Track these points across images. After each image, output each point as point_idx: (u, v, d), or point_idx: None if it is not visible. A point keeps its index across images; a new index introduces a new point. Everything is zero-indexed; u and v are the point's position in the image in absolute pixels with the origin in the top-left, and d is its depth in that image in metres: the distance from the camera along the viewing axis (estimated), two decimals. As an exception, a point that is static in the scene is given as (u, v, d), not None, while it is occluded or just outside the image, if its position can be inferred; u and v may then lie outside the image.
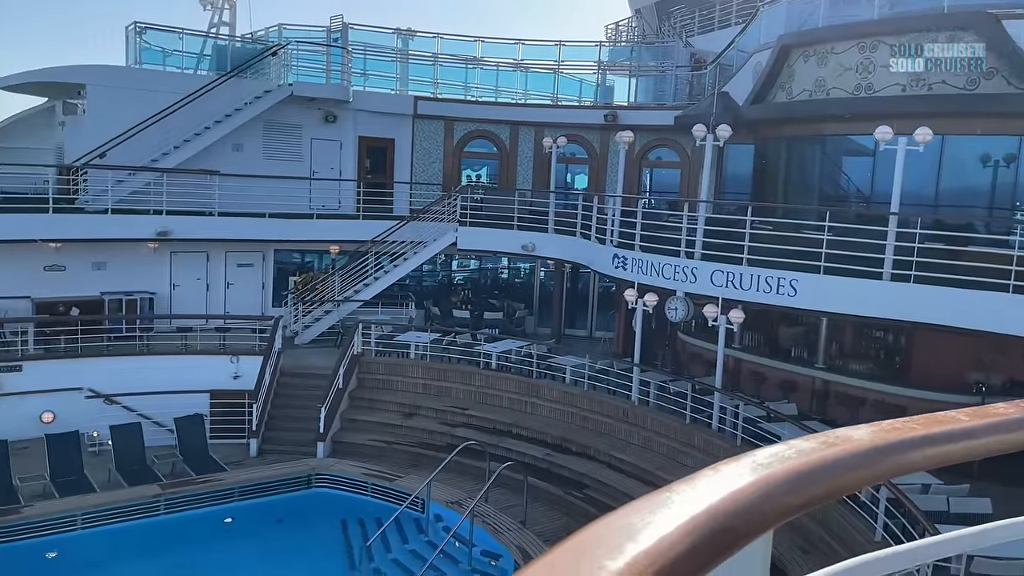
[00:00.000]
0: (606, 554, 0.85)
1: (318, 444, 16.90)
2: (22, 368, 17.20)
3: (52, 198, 18.84)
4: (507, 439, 16.99)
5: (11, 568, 12.06)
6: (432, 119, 24.55)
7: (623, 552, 0.86)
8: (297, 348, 20.52)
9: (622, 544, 0.87)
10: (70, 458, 15.03)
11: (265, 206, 20.75)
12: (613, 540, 0.88)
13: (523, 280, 26.40)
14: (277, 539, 14.34)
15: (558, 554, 0.84)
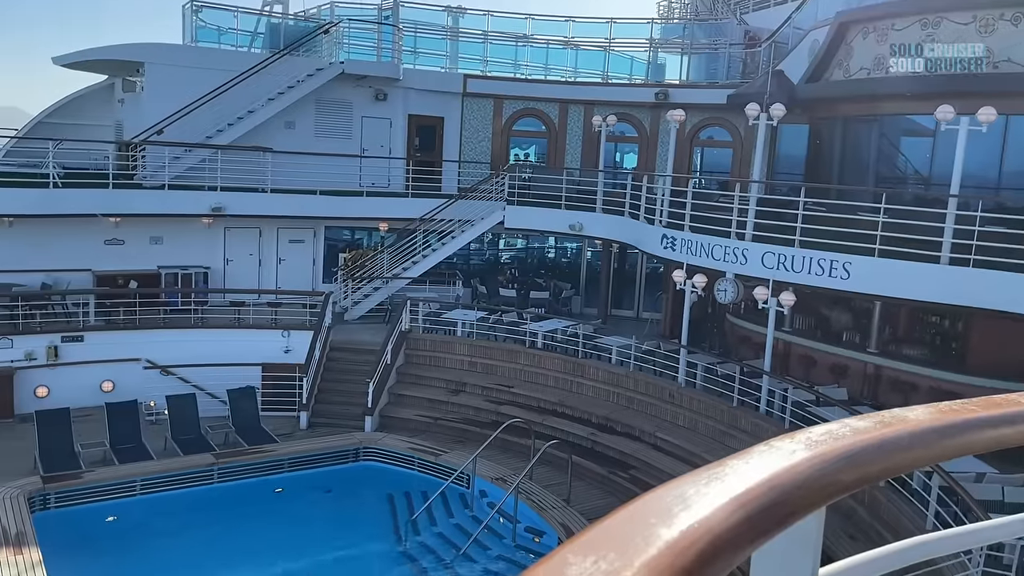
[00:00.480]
0: (661, 522, 0.87)
1: (366, 418, 17.19)
2: (83, 338, 17.78)
3: (112, 174, 19.34)
4: (552, 418, 17.05)
5: (73, 530, 12.53)
6: (481, 97, 24.54)
7: (677, 521, 0.87)
8: (346, 324, 20.82)
9: (677, 513, 0.89)
10: (129, 426, 15.52)
11: (316, 183, 21.03)
12: (668, 509, 0.90)
13: (570, 260, 26.34)
14: (325, 510, 14.68)
15: (613, 521, 0.86)
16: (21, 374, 17.07)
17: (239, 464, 14.82)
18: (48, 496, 13.01)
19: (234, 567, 12.28)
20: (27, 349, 17.14)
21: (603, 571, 0.77)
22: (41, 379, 17.26)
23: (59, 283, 19.71)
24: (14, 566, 10.32)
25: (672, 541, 0.84)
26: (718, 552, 0.88)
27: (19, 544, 10.92)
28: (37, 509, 12.56)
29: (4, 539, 11.03)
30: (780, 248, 14.60)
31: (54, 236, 19.50)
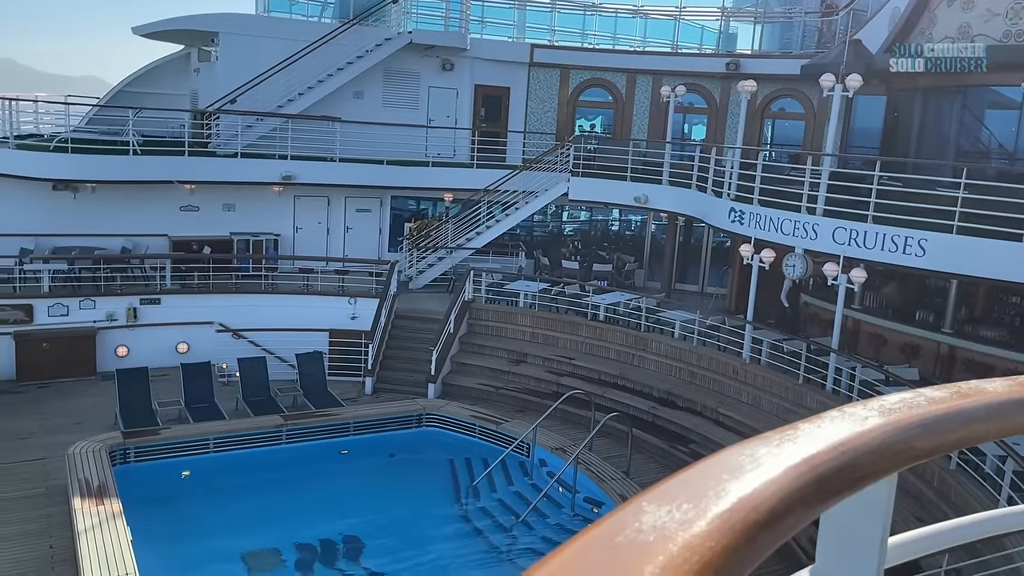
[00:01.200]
0: (733, 478, 0.89)
1: (429, 385, 17.47)
2: (160, 301, 18.45)
3: (187, 142, 19.89)
4: (612, 390, 17.06)
5: (151, 483, 13.12)
6: (548, 67, 24.37)
7: (750, 478, 0.89)
8: (411, 292, 21.11)
9: (749, 471, 0.91)
10: (202, 387, 16.10)
11: (383, 153, 21.26)
12: (740, 466, 0.92)
13: (634, 232, 26.12)
14: (389, 473, 15.02)
15: (688, 475, 0.89)
16: (103, 334, 17.83)
17: (307, 426, 15.24)
18: (128, 450, 13.62)
19: (300, 524, 12.69)
20: (108, 310, 17.89)
21: (677, 520, 0.80)
22: (121, 339, 18.01)
23: (138, 247, 20.45)
24: (97, 515, 10.88)
25: (745, 497, 0.87)
26: (788, 509, 0.90)
27: (101, 495, 11.49)
28: (118, 462, 13.16)
29: (88, 490, 11.62)
30: (852, 223, 14.22)
31: (133, 202, 20.21)
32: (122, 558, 9.85)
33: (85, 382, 17.22)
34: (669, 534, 0.76)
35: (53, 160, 18.79)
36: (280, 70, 21.18)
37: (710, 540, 0.78)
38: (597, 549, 0.72)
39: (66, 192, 19.84)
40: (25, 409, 15.73)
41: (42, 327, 17.35)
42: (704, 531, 0.78)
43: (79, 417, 15.34)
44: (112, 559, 9.80)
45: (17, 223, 19.27)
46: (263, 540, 12.25)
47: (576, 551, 0.72)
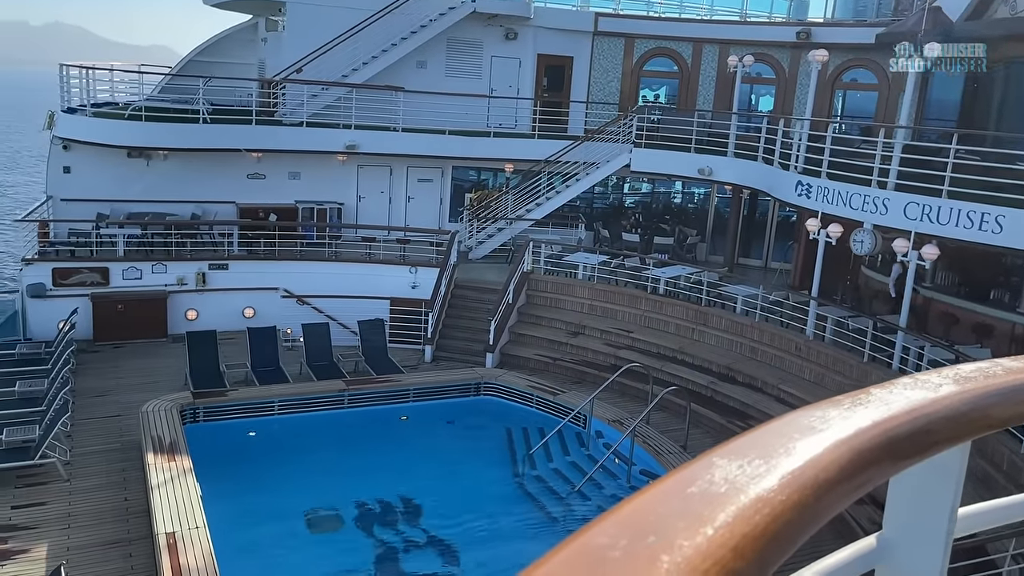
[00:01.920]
0: (804, 437, 0.90)
1: (487, 355, 17.62)
2: (228, 266, 18.95)
3: (255, 111, 20.26)
4: (671, 364, 16.96)
5: (219, 442, 13.59)
6: (612, 36, 24.04)
7: (820, 438, 0.90)
8: (470, 262, 21.24)
9: (820, 431, 0.92)
10: (268, 350, 16.54)
11: (445, 123, 21.32)
12: (811, 427, 0.93)
13: (697, 205, 25.75)
14: (447, 439, 15.26)
15: (758, 433, 0.90)
16: (173, 297, 18.43)
17: (368, 391, 15.55)
18: (197, 410, 14.11)
19: (360, 486, 13.01)
20: (179, 274, 18.46)
21: (747, 475, 0.81)
22: (191, 303, 18.59)
23: (207, 214, 21.01)
24: (170, 470, 11.33)
25: (816, 456, 0.87)
26: (858, 470, 0.91)
27: (172, 452, 11.95)
28: (188, 421, 13.66)
29: (160, 446, 12.10)
30: (925, 198, 13.77)
31: (203, 169, 20.73)
32: (192, 512, 10.26)
33: (157, 343, 17.86)
34: (740, 487, 0.78)
35: (128, 128, 19.37)
36: (345, 39, 21.36)
37: (781, 495, 0.79)
38: (671, 497, 0.74)
39: (140, 159, 20.45)
40: (102, 368, 16.41)
41: (117, 290, 18.01)
42: (775, 486, 0.79)
43: (152, 377, 15.94)
44: (183, 512, 10.21)
45: (94, 189, 20.00)
46: (324, 500, 12.61)
47: (651, 498, 0.74)
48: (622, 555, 0.65)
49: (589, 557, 0.65)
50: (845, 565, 1.13)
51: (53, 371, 14.57)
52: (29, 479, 11.77)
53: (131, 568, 9.93)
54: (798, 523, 0.80)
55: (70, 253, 18.49)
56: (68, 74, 20.16)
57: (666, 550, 0.66)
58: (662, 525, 0.70)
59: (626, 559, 0.65)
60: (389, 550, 11.53)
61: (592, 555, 0.65)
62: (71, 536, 10.54)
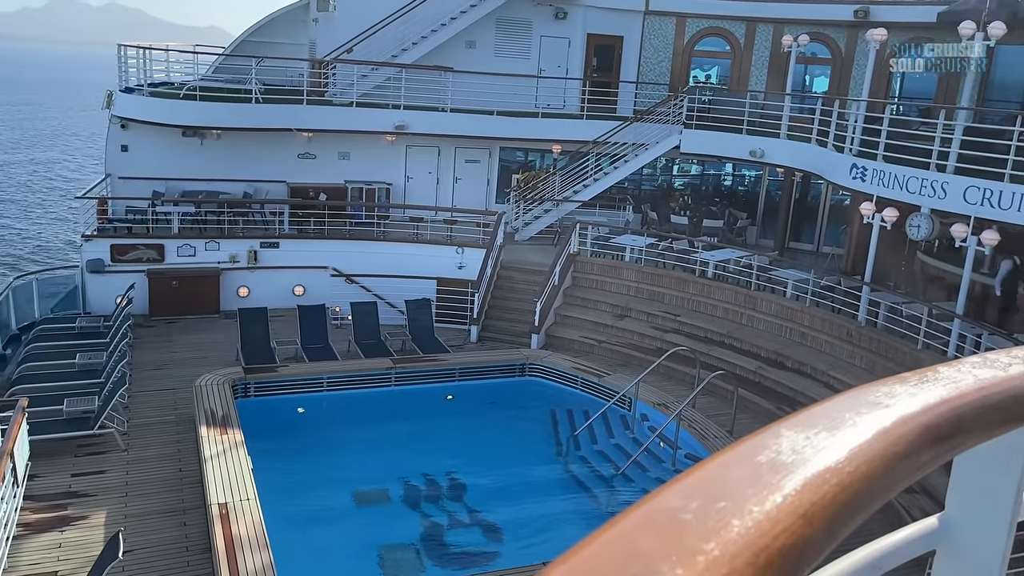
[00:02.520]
0: (871, 411, 0.90)
1: (532, 336, 17.67)
2: (279, 245, 19.26)
3: (305, 91, 20.48)
4: (719, 348, 16.81)
5: (269, 416, 13.90)
6: (664, 15, 23.71)
7: (888, 412, 0.90)
8: (516, 244, 21.26)
9: (888, 405, 0.91)
10: (317, 328, 16.80)
11: (493, 103, 21.29)
12: (878, 402, 0.93)
13: (747, 188, 25.36)
14: (491, 418, 15.36)
15: (826, 406, 0.90)
16: (226, 274, 18.81)
17: (414, 370, 15.72)
18: (248, 385, 14.43)
19: (406, 463, 13.20)
20: (231, 252, 18.83)
21: (815, 446, 0.81)
22: (243, 280, 18.96)
23: (258, 192, 21.35)
24: (221, 443, 11.63)
25: (884, 430, 0.87)
26: (925, 445, 0.90)
27: (225, 425, 12.25)
28: (239, 396, 13.97)
29: (213, 419, 12.41)
30: (986, 182, 13.37)
31: (255, 148, 21.05)
32: (243, 484, 10.52)
33: (209, 319, 18.27)
34: (808, 457, 0.79)
35: (183, 107, 19.74)
36: (395, 19, 21.42)
37: (849, 466, 0.79)
38: (739, 465, 0.75)
39: (194, 138, 20.85)
40: (157, 342, 16.86)
41: (172, 266, 18.44)
42: (843, 457, 0.79)
43: (204, 352, 16.33)
44: (235, 484, 10.48)
45: (150, 167, 20.47)
46: (371, 476, 12.81)
47: (719, 465, 0.75)
48: (694, 517, 0.66)
49: (661, 518, 0.66)
50: (905, 544, 1.12)
51: (111, 344, 15.01)
52: (89, 448, 12.18)
53: (185, 536, 10.24)
54: (866, 495, 0.80)
55: (127, 230, 18.99)
56: (126, 54, 20.59)
57: (736, 514, 0.67)
58: (732, 491, 0.71)
59: (698, 521, 0.66)
60: (434, 526, 11.69)
61: (664, 516, 0.67)
62: (128, 504, 10.89)
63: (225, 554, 9.04)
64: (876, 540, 1.10)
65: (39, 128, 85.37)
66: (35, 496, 10.80)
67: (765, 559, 0.65)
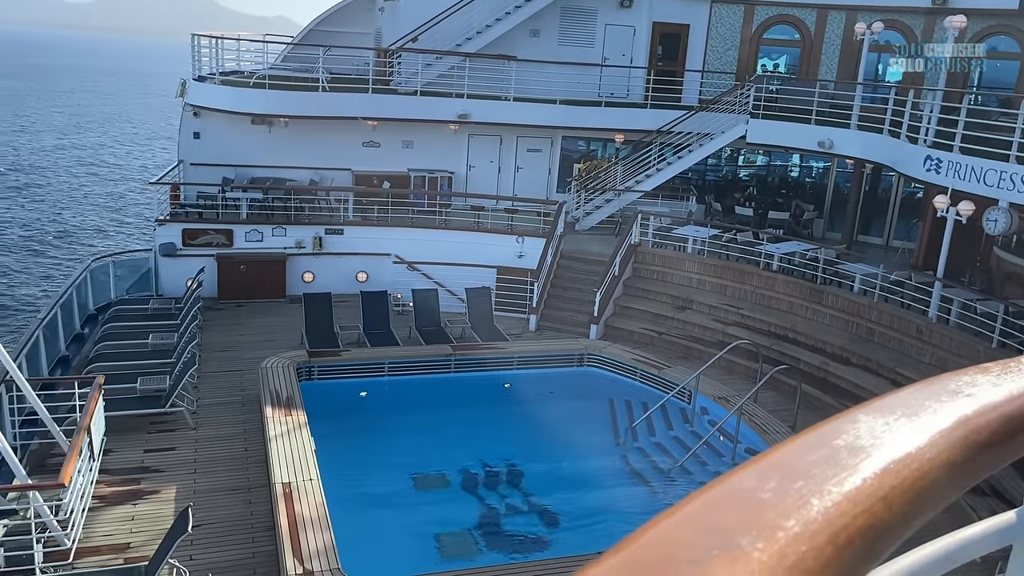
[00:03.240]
0: (951, 400, 0.89)
1: (591, 326, 17.63)
2: (343, 231, 19.59)
3: (371, 80, 20.73)
4: (782, 343, 16.52)
5: (333, 399, 14.18)
6: (731, 3, 23.29)
7: (968, 401, 0.89)
8: (577, 233, 21.20)
9: (970, 394, 0.90)
10: (379, 314, 17.06)
11: (556, 92, 21.23)
12: (959, 390, 0.91)
13: (815, 179, 24.78)
14: (549, 407, 15.39)
15: (904, 393, 0.90)
16: (292, 260, 19.22)
17: (473, 357, 15.84)
18: (312, 368, 14.74)
19: (465, 449, 13.33)
20: (297, 238, 19.22)
21: (894, 432, 0.81)
22: (308, 266, 19.35)
23: (324, 180, 21.73)
24: (286, 424, 11.92)
25: (964, 418, 0.86)
26: (1008, 436, 0.89)
27: (289, 406, 12.55)
28: (303, 378, 14.29)
29: (278, 401, 12.73)
30: (1071, 176, 12.81)
31: (321, 136, 21.42)
32: (306, 464, 10.77)
33: (275, 303, 18.70)
34: (887, 442, 0.78)
35: (252, 95, 20.19)
36: (460, 8, 21.51)
37: (929, 452, 0.79)
38: (817, 448, 0.75)
39: (263, 126, 21.32)
40: (225, 325, 17.34)
41: (240, 251, 18.92)
42: (924, 444, 0.79)
43: (270, 335, 16.74)
44: (298, 464, 10.74)
45: (221, 154, 21.01)
46: (430, 460, 12.98)
47: (796, 448, 0.75)
48: (772, 496, 0.67)
49: (738, 496, 0.67)
50: (981, 538, 1.10)
51: (182, 326, 15.49)
52: (160, 426, 12.63)
53: (251, 514, 10.54)
54: (945, 482, 0.80)
55: (198, 215, 19.54)
56: (199, 44, 21.14)
57: (815, 494, 0.68)
58: (810, 471, 0.71)
59: (776, 500, 0.66)
60: (490, 511, 11.80)
61: (741, 495, 0.67)
62: (197, 480, 11.26)
63: (288, 532, 9.28)
64: (951, 533, 1.08)
65: (111, 114, 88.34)
66: (110, 470, 11.25)
67: (845, 538, 0.65)
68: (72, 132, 73.08)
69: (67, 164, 56.57)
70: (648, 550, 0.59)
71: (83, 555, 9.37)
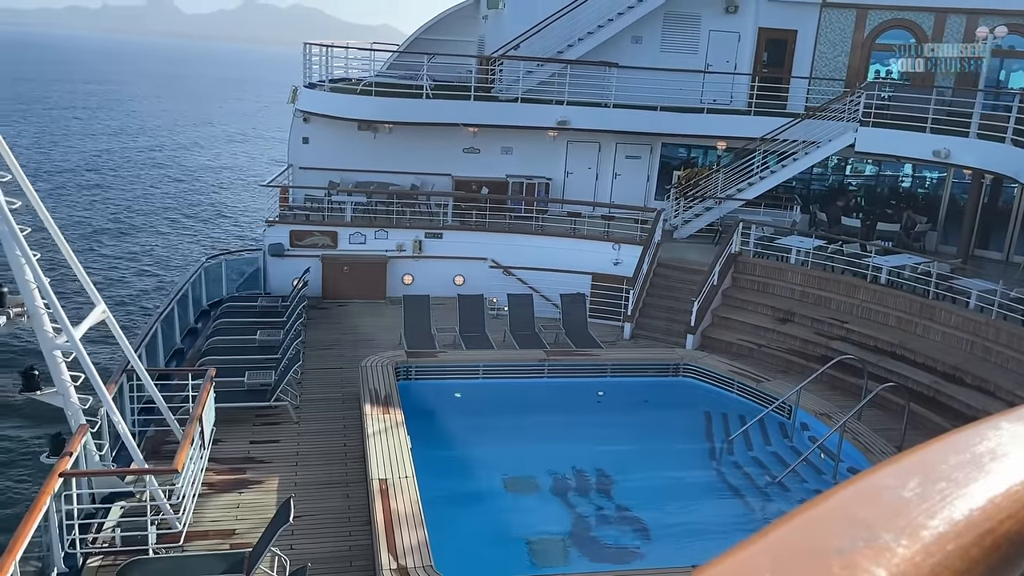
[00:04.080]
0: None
1: (688, 336, 17.36)
2: (442, 235, 19.95)
3: (473, 87, 21.05)
4: (889, 359, 15.86)
5: (428, 399, 14.46)
6: (842, 7, 22.56)
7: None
8: (675, 241, 20.93)
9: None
10: (475, 317, 17.28)
11: (657, 99, 21.04)
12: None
13: (928, 190, 23.71)
14: (643, 417, 15.25)
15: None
16: (392, 262, 19.70)
17: (567, 363, 15.84)
18: (410, 368, 15.05)
19: (556, 455, 13.34)
20: (398, 241, 19.69)
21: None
22: (407, 268, 19.79)
23: (425, 185, 22.19)
24: (384, 421, 12.22)
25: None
26: None
27: (387, 404, 12.86)
28: (401, 378, 14.60)
29: (376, 399, 13.06)
30: None
31: (423, 142, 21.89)
32: (402, 461, 11.01)
33: (375, 304, 19.21)
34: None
35: (359, 102, 20.81)
36: (562, 16, 21.60)
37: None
38: (958, 451, 0.75)
39: (368, 132, 21.95)
40: (328, 324, 17.92)
41: (343, 252, 19.53)
42: (1072, 454, 0.77)
43: (370, 335, 17.20)
44: (394, 461, 10.99)
45: (327, 158, 21.74)
46: (522, 464, 13.05)
47: (936, 451, 0.75)
48: (915, 495, 0.68)
49: (880, 494, 0.68)
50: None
51: (288, 323, 16.09)
52: (265, 419, 13.15)
53: (348, 508, 10.85)
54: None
55: (305, 217, 20.27)
56: (310, 52, 21.95)
57: (959, 496, 0.68)
58: (952, 474, 0.71)
59: (920, 499, 0.67)
60: (580, 518, 11.77)
61: (883, 492, 0.68)
62: (298, 473, 11.67)
63: (384, 528, 9.51)
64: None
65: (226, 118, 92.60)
66: (218, 459, 11.78)
67: (991, 542, 0.65)
68: (188, 135, 77.00)
69: (178, 167, 59.63)
70: (794, 537, 0.61)
71: (192, 538, 9.84)
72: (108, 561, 9.32)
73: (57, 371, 9.37)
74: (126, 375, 11.41)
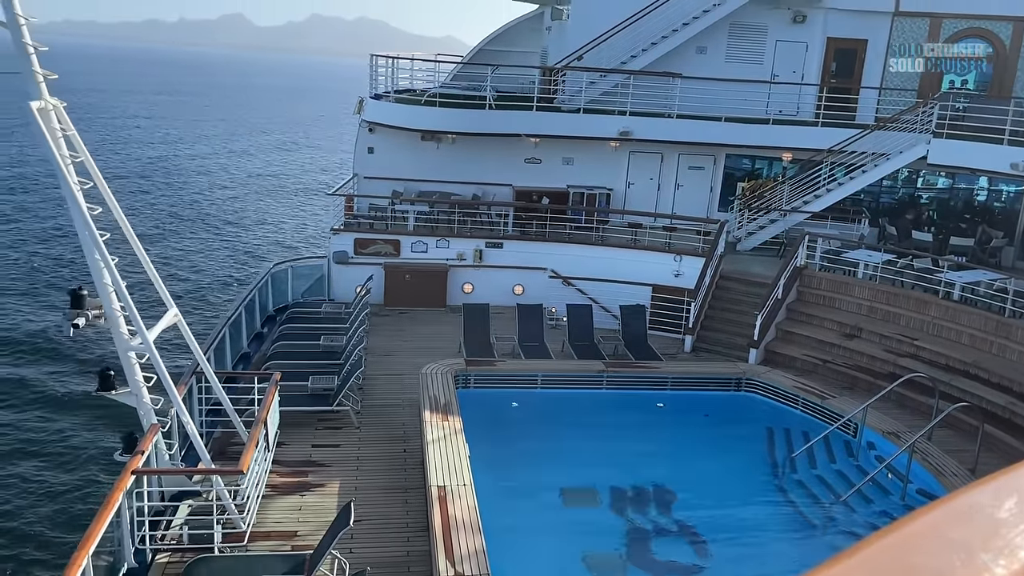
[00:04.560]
0: None
1: (751, 350, 17.07)
2: (502, 245, 20.05)
3: (535, 97, 21.14)
4: (962, 379, 15.33)
5: (486, 407, 14.49)
6: (915, 16, 22.02)
7: None
8: (738, 254, 20.65)
9: None
10: (534, 327, 17.30)
11: (721, 109, 20.82)
12: None
13: (1004, 204, 22.89)
14: (703, 432, 15.02)
15: None
16: (453, 271, 19.87)
17: (626, 375, 15.73)
18: (469, 376, 15.13)
19: (615, 467, 13.23)
20: (459, 250, 19.87)
21: None
22: (468, 277, 19.94)
23: (486, 195, 22.35)
24: (443, 429, 12.30)
25: None
26: None
27: (446, 412, 12.95)
28: (460, 386, 14.68)
29: (435, 406, 13.16)
30: None
31: (485, 152, 22.07)
32: (461, 469, 11.06)
33: (436, 312, 19.39)
34: None
35: (424, 113, 21.10)
36: (626, 27, 21.55)
37: None
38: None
39: (431, 142, 22.23)
40: (390, 331, 18.16)
41: (406, 261, 19.78)
42: None
43: (430, 342, 17.35)
44: (453, 468, 11.05)
45: (391, 168, 22.08)
46: (579, 476, 12.99)
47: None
48: (1011, 516, 0.67)
49: (974, 513, 0.68)
50: None
51: (350, 330, 16.34)
52: (328, 423, 13.38)
53: (407, 513, 10.96)
54: None
55: (369, 225, 20.60)
56: (376, 63, 22.35)
57: (1058, 519, 0.67)
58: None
59: (1016, 521, 0.66)
60: (639, 532, 11.64)
61: (978, 512, 0.68)
62: (359, 477, 11.83)
63: (442, 535, 9.56)
64: None
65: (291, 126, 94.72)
66: (282, 461, 12.02)
67: (1093, 565, 0.64)
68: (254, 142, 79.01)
69: (247, 174, 61.19)
70: (889, 555, 0.61)
71: (255, 539, 10.05)
72: (176, 558, 9.59)
73: (131, 372, 9.69)
74: (195, 377, 11.73)
